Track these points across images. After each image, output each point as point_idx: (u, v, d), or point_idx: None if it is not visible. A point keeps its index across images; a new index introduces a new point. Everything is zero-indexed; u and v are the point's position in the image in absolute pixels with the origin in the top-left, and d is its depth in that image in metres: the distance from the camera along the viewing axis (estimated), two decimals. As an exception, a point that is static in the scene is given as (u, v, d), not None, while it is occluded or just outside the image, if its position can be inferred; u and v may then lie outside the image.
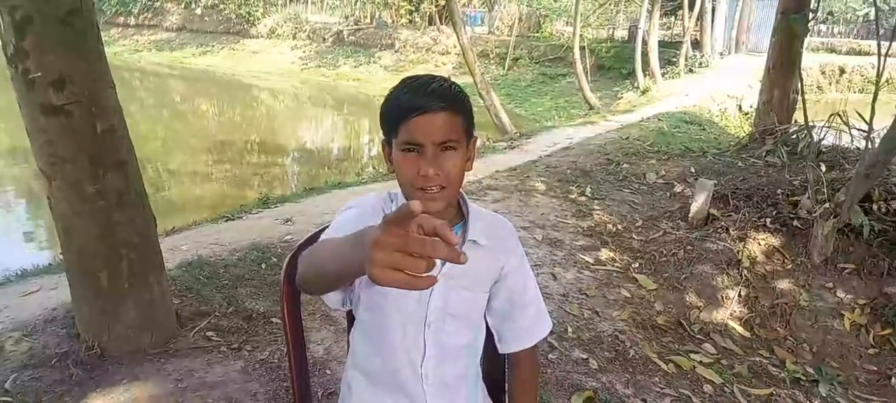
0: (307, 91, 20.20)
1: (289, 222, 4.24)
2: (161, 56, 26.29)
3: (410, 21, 24.09)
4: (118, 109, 2.40)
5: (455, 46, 19.53)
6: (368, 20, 25.12)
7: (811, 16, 4.76)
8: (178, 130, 13.68)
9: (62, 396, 2.29)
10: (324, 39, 24.25)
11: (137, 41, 28.42)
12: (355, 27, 24.37)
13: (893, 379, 3.25)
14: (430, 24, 23.34)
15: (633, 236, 4.38)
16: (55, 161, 2.25)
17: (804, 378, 3.15)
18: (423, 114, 1.05)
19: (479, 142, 1.18)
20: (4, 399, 2.24)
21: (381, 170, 8.68)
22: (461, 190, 1.22)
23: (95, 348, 2.49)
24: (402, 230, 0.76)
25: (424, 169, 1.07)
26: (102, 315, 2.51)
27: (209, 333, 2.77)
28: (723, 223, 4.26)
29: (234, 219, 4.39)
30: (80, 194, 2.32)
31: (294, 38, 25.05)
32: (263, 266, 3.48)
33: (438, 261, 1.15)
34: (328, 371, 2.57)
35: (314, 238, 1.37)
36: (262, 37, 25.81)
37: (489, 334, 1.33)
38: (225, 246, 3.69)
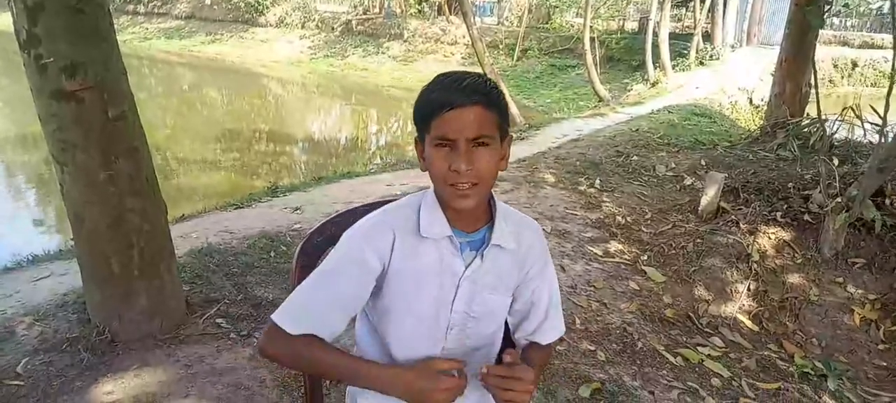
0: (315, 80, 20.19)
1: (298, 211, 4.25)
2: (170, 44, 26.31)
3: (419, 11, 23.99)
4: (130, 96, 2.41)
5: (464, 37, 19.43)
6: (377, 10, 25.03)
7: (826, 8, 4.70)
8: (186, 118, 13.71)
9: (73, 380, 2.30)
10: (332, 29, 24.18)
11: (147, 29, 28.44)
12: (364, 17, 24.29)
13: (903, 375, 3.23)
14: (439, 13, 23.24)
15: (643, 228, 4.37)
16: (67, 147, 2.26)
17: (813, 373, 3.14)
18: (456, 109, 1.05)
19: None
20: (16, 382, 2.26)
21: (389, 161, 8.67)
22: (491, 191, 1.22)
23: (106, 333, 2.51)
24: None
25: (456, 164, 1.06)
26: (113, 301, 2.53)
27: (218, 320, 2.79)
28: (733, 216, 4.24)
29: (243, 208, 4.40)
30: (92, 180, 2.33)
31: (303, 27, 24.99)
32: (272, 254, 3.49)
33: (463, 263, 1.17)
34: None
35: (324, 228, 1.37)
36: (270, 26, 25.75)
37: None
38: (234, 234, 3.70)
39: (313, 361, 1.16)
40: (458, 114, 1.05)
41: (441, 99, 1.06)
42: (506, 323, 1.35)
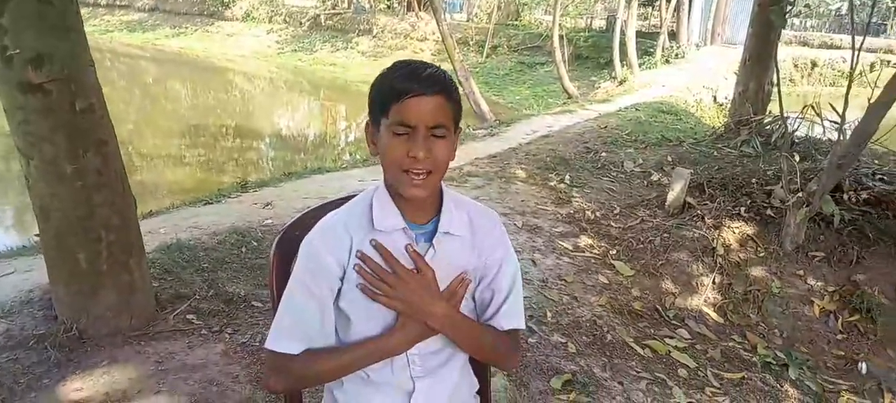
0: (283, 75, 19.97)
1: (268, 206, 4.21)
2: (133, 37, 25.74)
3: (389, 6, 23.93)
4: (98, 88, 2.36)
5: (433, 33, 19.43)
6: (346, 5, 24.88)
7: (788, 8, 4.83)
8: (150, 113, 13.46)
9: (40, 378, 2.26)
10: (300, 23, 23.94)
11: (108, 21, 27.77)
12: (333, 11, 24.11)
13: (860, 364, 3.35)
14: (408, 9, 23.17)
15: (611, 223, 4.44)
16: (33, 140, 2.22)
17: (775, 363, 3.24)
18: (418, 96, 1.06)
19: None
20: (-19, 380, 2.21)
21: (358, 157, 8.64)
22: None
23: (74, 330, 2.46)
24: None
25: (415, 150, 1.07)
26: (81, 297, 2.48)
27: (189, 316, 2.76)
28: (698, 211, 4.33)
29: (212, 203, 4.34)
30: (59, 174, 2.28)
31: (270, 21, 24.69)
32: (243, 249, 3.45)
33: (421, 250, 1.17)
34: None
35: (302, 220, 1.37)
36: (237, 19, 25.38)
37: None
38: (204, 230, 3.65)
39: (320, 372, 1.20)
40: (419, 101, 1.06)
41: (403, 86, 1.07)
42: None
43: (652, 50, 15.80)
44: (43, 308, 2.60)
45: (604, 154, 6.28)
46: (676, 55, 15.99)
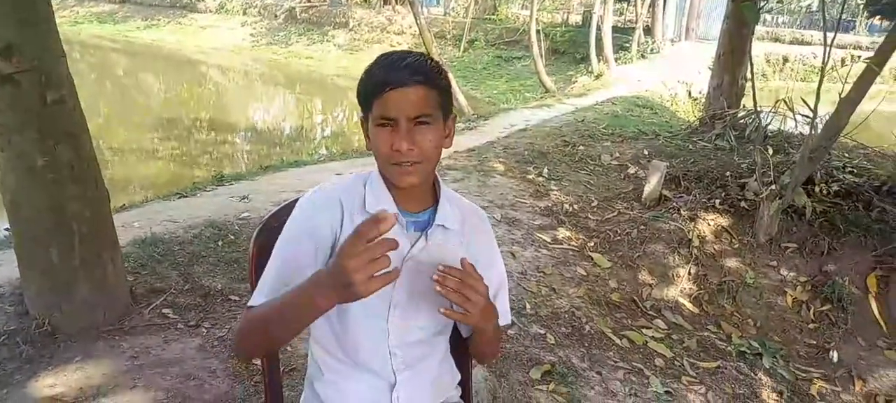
0: (258, 69, 19.73)
1: (245, 200, 4.16)
2: (103, 29, 25.21)
3: (365, -1, 23.78)
4: (69, 80, 2.32)
5: (411, 26, 19.36)
6: (322, -3, 24.67)
7: (761, 4, 4.90)
8: (121, 106, 13.20)
9: (12, 374, 2.21)
10: (275, 16, 23.66)
11: (77, 12, 27.13)
12: (308, 4, 23.85)
13: (831, 352, 3.43)
14: (385, 3, 23.04)
15: (589, 216, 4.47)
16: (3, 131, 2.17)
17: (749, 352, 3.30)
18: (397, 88, 1.06)
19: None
20: (-50, 378, 2.15)
21: (335, 150, 8.59)
22: (437, 174, 1.22)
23: (46, 325, 2.42)
24: (362, 245, 0.92)
25: (398, 143, 1.07)
26: (53, 291, 2.43)
27: (165, 310, 2.72)
28: (674, 204, 4.39)
29: (187, 196, 4.29)
30: (29, 166, 2.23)
31: (244, 13, 24.35)
32: (220, 243, 3.41)
33: (407, 244, 1.17)
34: (289, 348, 2.55)
35: (281, 213, 1.36)
36: (210, 11, 24.98)
37: None
38: (179, 223, 3.60)
39: (262, 323, 1.12)
40: (398, 93, 1.06)
41: (382, 78, 1.07)
42: None
43: (627, 45, 15.92)
44: (14, 303, 2.55)
45: (581, 147, 6.31)
46: (652, 50, 16.13)
